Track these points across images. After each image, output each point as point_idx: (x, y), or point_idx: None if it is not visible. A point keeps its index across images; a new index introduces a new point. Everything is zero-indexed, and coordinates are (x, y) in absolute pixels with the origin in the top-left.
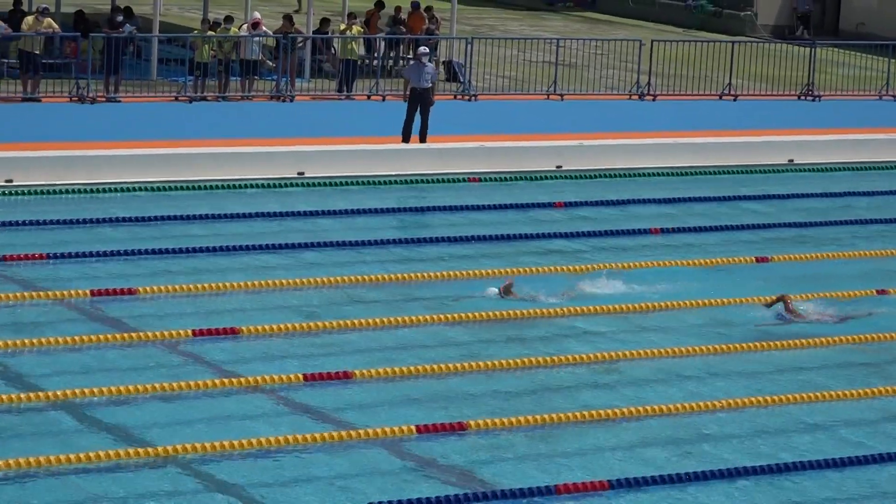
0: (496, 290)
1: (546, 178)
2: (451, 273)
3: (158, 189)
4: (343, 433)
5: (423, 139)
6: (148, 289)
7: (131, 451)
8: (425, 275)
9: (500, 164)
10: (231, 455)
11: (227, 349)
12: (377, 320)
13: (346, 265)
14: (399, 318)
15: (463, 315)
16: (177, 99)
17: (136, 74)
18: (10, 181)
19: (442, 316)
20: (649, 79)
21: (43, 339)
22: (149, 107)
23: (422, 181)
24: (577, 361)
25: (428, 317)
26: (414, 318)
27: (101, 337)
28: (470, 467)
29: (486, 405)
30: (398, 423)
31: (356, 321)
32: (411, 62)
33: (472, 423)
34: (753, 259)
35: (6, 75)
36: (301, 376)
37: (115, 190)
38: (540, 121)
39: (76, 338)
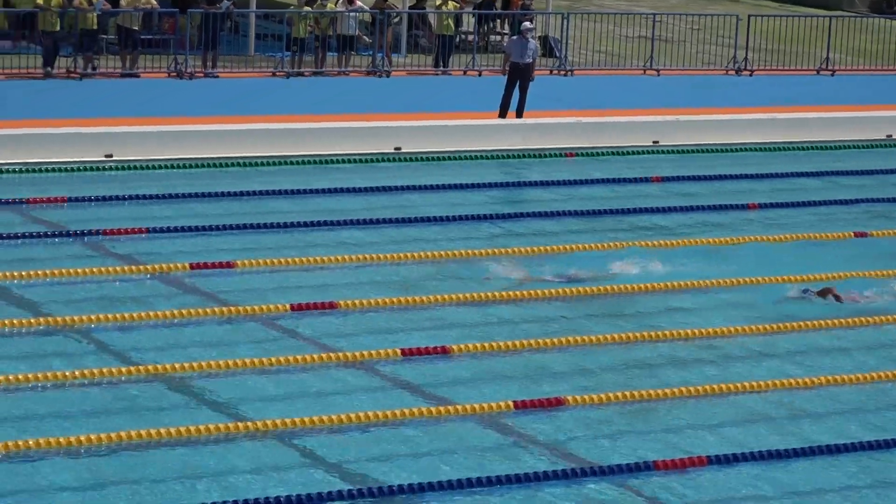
0: (499, 268)
1: (642, 153)
2: (547, 248)
3: (256, 164)
4: (440, 408)
5: (519, 115)
6: (246, 262)
7: (230, 424)
8: (521, 250)
9: (596, 139)
10: (328, 429)
11: (324, 324)
12: (473, 295)
13: (442, 240)
14: (495, 294)
15: (559, 291)
16: (274, 74)
17: (234, 50)
18: (110, 156)
19: (539, 291)
20: (746, 54)
21: (142, 314)
22: (246, 82)
23: (518, 156)
24: (673, 337)
25: (524, 292)
26: (510, 293)
27: (200, 311)
28: (566, 443)
29: (583, 380)
30: (495, 398)
31: (452, 296)
32: (513, 37)
33: (568, 398)
34: (851, 234)
35: (105, 51)
36: (398, 351)
37: (213, 165)
38: (636, 96)
39: (174, 312)
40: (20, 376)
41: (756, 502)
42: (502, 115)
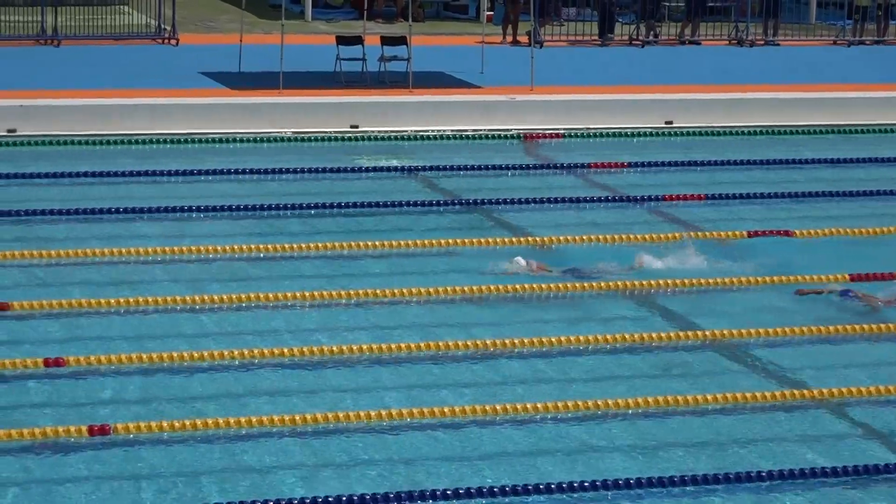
0: (523, 261)
1: None
2: None
3: (807, 133)
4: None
5: None
6: (805, 232)
7: (777, 393)
8: None
9: None
10: (880, 401)
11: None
12: None
13: None
14: None
15: None
16: (835, 43)
17: (795, 18)
18: (670, 122)
19: None
20: None
21: (700, 280)
22: (806, 51)
23: None
24: None
25: None
26: None
27: (752, 279)
28: None
29: None
30: None
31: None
32: None
33: None
34: None
35: (667, 19)
36: None
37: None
38: None
39: (734, 279)
40: (562, 339)
41: None
42: None
